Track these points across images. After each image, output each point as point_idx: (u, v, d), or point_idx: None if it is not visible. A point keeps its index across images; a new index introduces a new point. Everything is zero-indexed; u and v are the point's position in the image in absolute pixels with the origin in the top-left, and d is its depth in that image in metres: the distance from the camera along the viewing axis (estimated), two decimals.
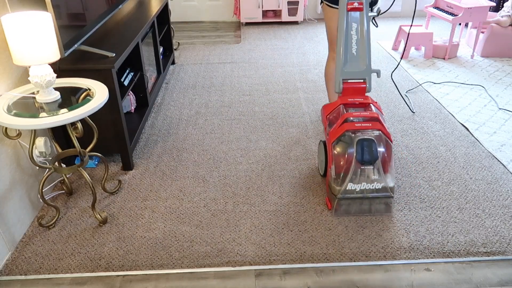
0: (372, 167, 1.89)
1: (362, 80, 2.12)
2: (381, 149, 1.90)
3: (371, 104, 2.08)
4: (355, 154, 1.88)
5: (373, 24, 2.43)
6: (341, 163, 1.91)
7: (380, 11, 2.09)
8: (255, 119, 2.92)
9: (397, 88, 3.24)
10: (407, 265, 1.75)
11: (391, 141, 1.94)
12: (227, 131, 2.77)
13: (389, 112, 2.99)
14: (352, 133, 1.91)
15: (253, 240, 1.88)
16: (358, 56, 2.09)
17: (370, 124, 1.91)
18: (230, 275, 1.71)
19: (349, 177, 1.89)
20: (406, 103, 3.04)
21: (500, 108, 3.03)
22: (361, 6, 2.02)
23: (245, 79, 3.60)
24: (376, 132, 1.91)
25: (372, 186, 1.91)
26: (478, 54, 4.09)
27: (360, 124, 1.92)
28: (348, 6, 2.02)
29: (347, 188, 1.91)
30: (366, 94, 2.16)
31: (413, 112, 2.91)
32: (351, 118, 1.97)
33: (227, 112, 3.03)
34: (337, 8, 2.30)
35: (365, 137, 1.88)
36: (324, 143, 2.17)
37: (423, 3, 5.49)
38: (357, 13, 2.04)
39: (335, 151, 1.94)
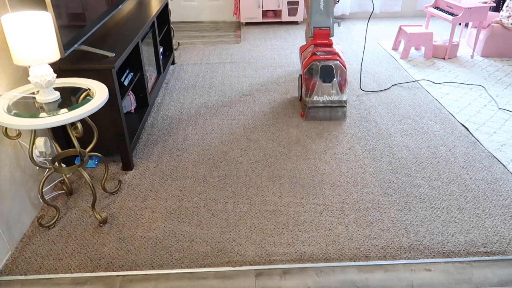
0: (330, 84, 2.75)
1: (327, 28, 2.95)
2: (337, 73, 2.74)
3: (333, 44, 2.95)
4: (319, 75, 2.75)
5: (337, 24, 3.45)
6: (311, 82, 2.77)
7: None
8: (255, 119, 2.92)
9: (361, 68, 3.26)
10: (407, 265, 1.75)
11: (345, 68, 2.78)
12: (227, 131, 2.77)
13: (389, 112, 2.99)
14: (318, 62, 2.75)
15: (253, 240, 1.88)
16: (324, 10, 2.94)
17: (331, 56, 2.78)
18: (230, 275, 1.71)
19: (315, 91, 2.76)
20: (360, 76, 3.41)
21: (500, 108, 3.03)
22: None
23: (245, 79, 3.60)
24: (335, 62, 2.75)
25: (331, 98, 2.79)
26: (478, 54, 4.10)
27: (324, 56, 2.78)
28: None
29: (314, 99, 2.77)
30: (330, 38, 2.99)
31: (362, 90, 3.33)
32: (317, 52, 2.81)
33: (227, 112, 3.03)
34: None
35: (327, 64, 2.74)
36: (301, 75, 2.97)
37: (423, 3, 5.49)
38: None
39: (306, 75, 2.80)
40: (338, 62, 2.73)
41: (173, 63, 3.95)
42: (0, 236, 1.74)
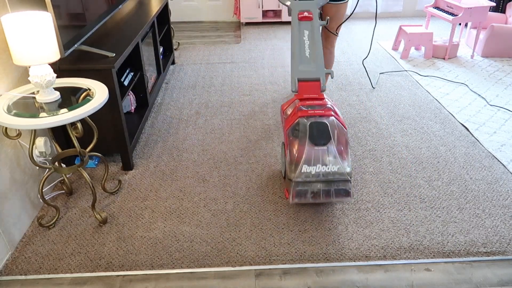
0: (325, 147, 1.87)
1: (316, 80, 2.19)
2: (334, 134, 1.92)
3: (325, 99, 2.13)
4: (308, 136, 1.89)
5: (335, 34, 2.70)
6: (296, 147, 1.90)
7: (328, 20, 2.32)
8: (255, 119, 2.92)
9: (367, 74, 3.31)
10: (407, 265, 1.75)
11: (346, 128, 1.99)
12: (227, 131, 2.77)
13: (389, 112, 2.99)
14: (305, 118, 1.95)
15: (253, 240, 1.88)
16: (311, 58, 2.21)
17: (323, 111, 1.98)
18: (230, 275, 1.71)
19: (303, 159, 1.85)
20: (368, 76, 3.22)
21: (489, 104, 3.03)
22: (311, 15, 2.24)
23: (245, 79, 3.60)
24: (329, 118, 1.94)
25: (328, 168, 1.86)
26: (478, 54, 4.09)
27: (313, 111, 1.98)
28: (299, 16, 2.23)
29: (303, 171, 1.85)
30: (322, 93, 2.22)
31: (373, 88, 3.10)
32: (304, 107, 2.02)
33: (227, 112, 3.03)
34: None
35: (317, 120, 1.93)
36: (283, 143, 2.16)
37: (423, 3, 5.49)
38: (308, 22, 2.23)
39: (290, 138, 1.96)
40: (333, 118, 1.95)
41: (173, 63, 3.95)
42: (0, 236, 1.74)
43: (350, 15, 2.90)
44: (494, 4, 4.07)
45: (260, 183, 2.26)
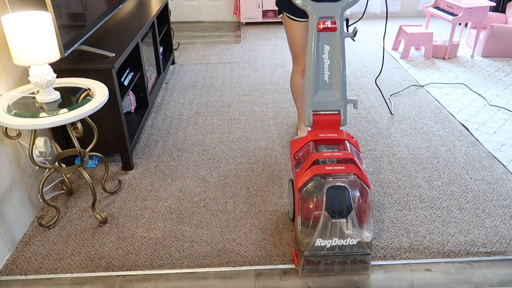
0: (345, 220, 1.57)
1: (336, 112, 1.83)
2: (356, 198, 1.58)
3: (346, 141, 1.79)
4: (324, 205, 1.56)
5: (352, 39, 1.88)
6: (309, 214, 1.59)
7: (356, 31, 1.76)
8: (255, 119, 2.92)
9: (381, 93, 3.26)
10: (407, 265, 1.75)
11: (369, 187, 1.64)
12: (227, 131, 2.77)
13: (389, 111, 2.99)
14: (321, 178, 1.60)
15: (253, 240, 1.88)
16: (331, 83, 1.79)
17: (344, 167, 1.62)
18: (230, 275, 1.71)
19: (317, 231, 1.56)
20: (387, 104, 3.07)
21: (489, 104, 3.03)
22: (335, 25, 1.72)
23: (245, 79, 3.60)
24: (351, 177, 1.60)
25: (346, 242, 1.58)
26: (478, 54, 4.10)
27: (331, 168, 1.62)
28: (319, 26, 1.71)
29: (316, 245, 1.58)
30: (341, 128, 1.89)
31: (392, 114, 2.93)
32: (321, 159, 1.67)
33: (227, 112, 3.03)
34: (301, 21, 2.12)
35: (337, 183, 1.58)
36: (291, 181, 1.87)
37: (423, 3, 5.49)
38: (330, 34, 1.75)
39: (301, 200, 1.62)
40: (355, 177, 1.62)
41: (173, 63, 3.95)
42: (0, 236, 1.74)
43: (360, 18, 2.34)
44: (494, 4, 4.07)
45: (260, 183, 2.26)
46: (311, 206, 1.60)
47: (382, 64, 2.85)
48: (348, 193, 1.58)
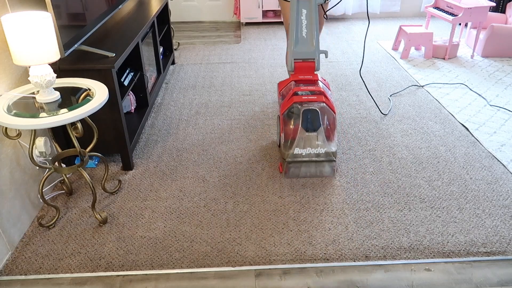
0: (316, 133, 2.19)
1: (311, 60, 2.38)
2: (324, 119, 2.20)
3: (318, 81, 2.37)
4: (300, 123, 2.18)
5: (324, 17, 2.68)
6: (290, 131, 2.21)
7: (328, 1, 2.39)
8: (255, 119, 2.92)
9: (365, 85, 3.32)
10: (407, 265, 1.75)
11: (335, 113, 2.24)
12: (227, 131, 2.77)
13: (389, 111, 2.99)
14: (299, 104, 2.19)
15: (253, 240, 1.88)
16: (307, 38, 2.35)
17: (316, 97, 2.21)
18: (230, 275, 1.71)
19: (296, 142, 2.19)
20: (375, 103, 3.10)
21: (489, 104, 3.03)
22: None
23: (245, 79, 3.60)
24: (321, 104, 2.19)
25: (316, 150, 2.21)
26: (478, 54, 4.10)
27: (306, 97, 2.21)
28: None
29: (295, 153, 2.21)
30: (315, 72, 2.45)
31: (384, 114, 2.96)
32: (299, 92, 2.26)
33: (227, 112, 3.03)
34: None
35: (310, 107, 2.18)
36: (279, 117, 2.39)
37: (423, 3, 5.49)
38: (306, 1, 2.29)
39: (284, 121, 2.25)
40: (324, 104, 2.19)
41: (173, 63, 3.95)
42: (0, 236, 1.74)
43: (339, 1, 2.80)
44: (494, 4, 4.07)
45: (260, 183, 2.26)
46: (291, 126, 2.22)
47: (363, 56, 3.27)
48: (318, 115, 2.19)
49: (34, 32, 1.53)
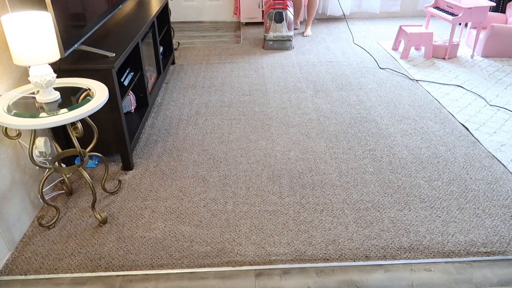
0: (281, 24, 4.12)
1: None
2: (287, 16, 4.13)
3: (286, 1, 4.23)
4: (273, 18, 4.13)
5: None
6: (268, 23, 4.17)
7: None
8: (255, 119, 2.92)
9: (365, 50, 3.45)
10: (407, 265, 1.75)
11: (292, 15, 4.15)
12: (227, 131, 2.77)
13: (389, 112, 2.99)
14: (274, 10, 4.10)
15: (253, 240, 1.88)
16: None
17: (282, 6, 4.13)
18: (230, 275, 1.71)
19: (271, 29, 4.16)
20: (373, 57, 3.69)
21: (489, 104, 3.03)
22: None
23: (245, 79, 3.60)
24: (285, 10, 4.12)
25: (281, 34, 4.17)
26: (478, 54, 4.10)
27: (278, 6, 4.13)
28: None
29: (271, 35, 4.18)
30: None
31: (381, 68, 3.59)
32: (274, 3, 4.16)
33: (227, 112, 3.03)
34: None
35: (278, 10, 4.11)
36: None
37: (423, 3, 5.49)
38: None
39: (265, 20, 4.21)
40: (287, 10, 4.10)
41: (173, 63, 3.95)
42: (0, 236, 1.74)
43: None
44: (494, 4, 4.07)
45: (260, 183, 2.26)
46: (268, 22, 4.17)
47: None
48: (283, 14, 4.12)
49: (34, 32, 1.53)
